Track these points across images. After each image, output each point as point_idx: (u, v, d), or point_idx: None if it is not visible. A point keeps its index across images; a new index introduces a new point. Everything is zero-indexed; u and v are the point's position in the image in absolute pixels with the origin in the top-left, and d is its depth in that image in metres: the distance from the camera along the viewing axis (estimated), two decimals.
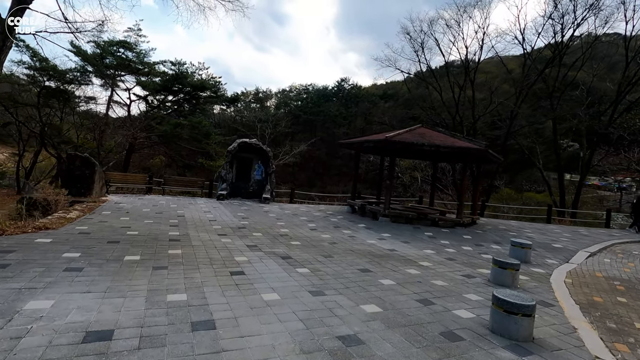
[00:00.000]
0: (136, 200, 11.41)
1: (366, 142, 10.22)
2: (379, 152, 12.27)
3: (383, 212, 10.08)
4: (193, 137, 22.05)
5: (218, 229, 7.89)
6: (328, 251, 6.55)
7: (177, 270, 4.61)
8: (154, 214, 9.14)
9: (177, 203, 11.53)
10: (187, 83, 20.64)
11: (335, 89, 62.68)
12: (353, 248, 6.99)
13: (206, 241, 6.53)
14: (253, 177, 14.66)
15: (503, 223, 12.74)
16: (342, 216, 11.08)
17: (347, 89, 62.12)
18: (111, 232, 6.63)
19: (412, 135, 10.11)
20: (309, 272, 5.09)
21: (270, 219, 9.73)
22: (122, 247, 5.52)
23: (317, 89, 61.55)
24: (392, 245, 7.51)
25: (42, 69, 15.93)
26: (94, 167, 11.21)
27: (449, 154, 9.92)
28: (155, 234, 6.75)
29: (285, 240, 7.25)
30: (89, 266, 4.45)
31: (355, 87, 62.30)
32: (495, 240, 9.04)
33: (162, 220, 8.42)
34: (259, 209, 11.69)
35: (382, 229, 9.28)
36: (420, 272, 5.58)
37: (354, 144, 11.26)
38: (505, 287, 5.14)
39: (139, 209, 9.78)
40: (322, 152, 54.49)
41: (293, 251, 6.32)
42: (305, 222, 9.61)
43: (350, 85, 62.67)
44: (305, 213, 11.39)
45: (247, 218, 9.60)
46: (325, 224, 9.64)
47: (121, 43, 18.67)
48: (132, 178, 12.98)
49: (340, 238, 7.90)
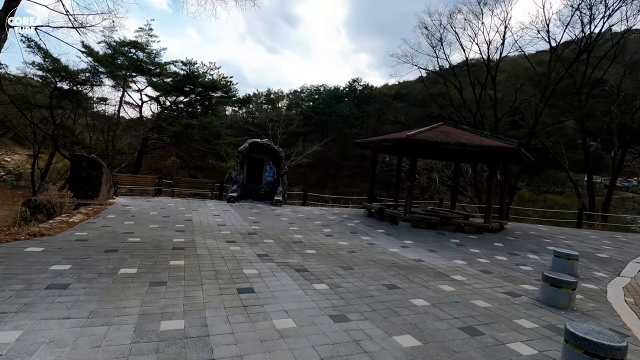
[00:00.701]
0: (144, 203, 10.95)
1: (384, 141, 9.47)
2: (399, 151, 11.49)
3: (403, 216, 9.30)
4: (204, 138, 21.69)
5: (227, 234, 7.28)
6: (347, 262, 5.84)
7: (177, 287, 3.99)
8: (161, 218, 8.61)
9: (186, 206, 11.02)
10: (199, 83, 20.27)
11: (347, 89, 61.91)
12: (374, 258, 6.26)
13: (213, 249, 5.92)
14: (264, 179, 14.07)
15: (532, 228, 11.75)
16: (359, 220, 10.34)
17: (359, 89, 61.25)
18: (111, 238, 6.09)
19: (434, 134, 9.31)
20: (327, 288, 4.39)
21: (282, 224, 9.08)
22: (119, 257, 4.94)
23: (329, 90, 60.92)
24: (417, 255, 6.74)
25: (53, 70, 15.76)
26: (101, 169, 10.80)
27: (476, 153, 9.07)
28: (159, 241, 6.18)
29: (299, 248, 6.57)
30: (77, 282, 3.86)
31: (367, 88, 61.37)
32: (530, 248, 8.15)
33: (168, 224, 7.87)
34: (271, 212, 11.07)
35: (404, 235, 8.51)
36: (456, 289, 4.81)
37: (370, 143, 10.52)
38: (559, 309, 4.34)
39: (146, 212, 9.28)
40: (334, 153, 53.80)
41: (308, 262, 5.63)
42: (319, 227, 8.93)
43: (362, 85, 61.78)
44: (319, 217, 10.70)
45: (257, 222, 8.98)
46: (341, 229, 8.93)
47: (132, 43, 18.42)
48: (141, 180, 12.57)
49: (359, 246, 7.18)
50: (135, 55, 18.76)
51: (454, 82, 18.61)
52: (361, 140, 11.33)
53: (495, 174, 9.47)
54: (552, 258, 6.29)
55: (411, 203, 9.59)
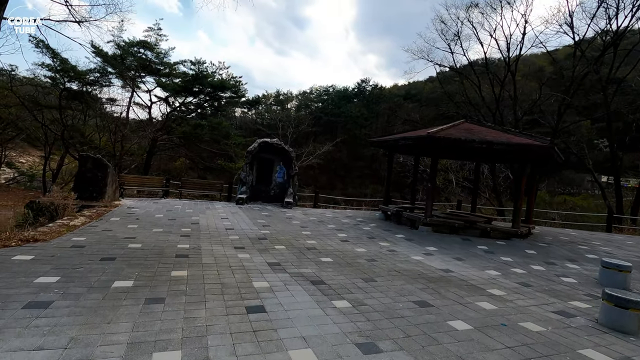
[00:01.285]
0: (150, 205, 10.51)
1: (402, 140, 8.80)
2: (418, 151, 10.78)
3: (424, 220, 8.61)
4: (213, 139, 21.33)
5: (235, 240, 6.72)
6: (368, 272, 5.20)
7: (176, 305, 3.43)
8: (166, 221, 8.12)
9: (194, 208, 10.53)
10: (207, 83, 19.91)
11: (356, 90, 61.22)
12: (397, 267, 5.61)
13: (220, 257, 5.36)
14: (274, 180, 13.53)
15: (560, 232, 10.90)
16: (375, 224, 9.68)
17: (368, 89, 60.48)
18: (111, 244, 5.59)
19: (457, 131, 8.60)
20: (350, 307, 3.78)
21: (294, 227, 8.49)
22: (115, 267, 4.42)
23: (338, 90, 60.33)
24: (444, 264, 6.06)
25: (62, 70, 15.57)
26: (106, 169, 10.41)
27: (503, 152, 8.33)
28: (161, 247, 5.66)
29: (314, 255, 5.97)
30: (62, 298, 3.33)
31: (377, 88, 60.58)
32: (567, 256, 7.37)
33: (174, 228, 7.36)
34: (281, 214, 10.50)
35: (426, 240, 7.82)
36: (497, 307, 4.14)
37: (387, 142, 9.86)
38: (627, 334, 3.63)
39: (151, 215, 8.81)
40: (344, 154, 53.14)
41: (325, 272, 5.02)
42: (334, 232, 8.31)
43: (371, 85, 61.00)
44: (333, 220, 10.09)
45: (268, 226, 8.42)
46: (357, 233, 8.29)
47: (141, 43, 18.17)
48: (149, 181, 12.17)
49: (378, 253, 6.53)
50: (144, 55, 18.50)
51: (472, 78, 17.72)
52: (377, 139, 10.67)
53: (524, 174, 8.70)
54: (600, 269, 5.55)
55: (432, 206, 8.89)
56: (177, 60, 20.47)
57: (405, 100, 59.02)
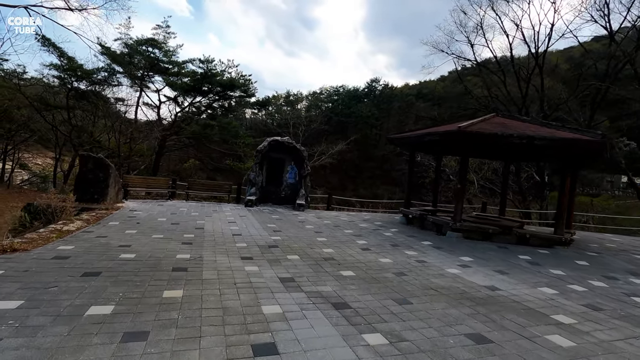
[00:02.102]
0: (154, 207, 9.82)
1: (428, 136, 7.85)
2: (443, 148, 9.77)
3: (453, 225, 7.64)
4: (223, 139, 20.70)
5: (242, 248, 5.91)
6: (399, 290, 4.31)
7: (162, 343, 2.60)
8: (168, 226, 7.38)
9: (200, 210, 9.80)
10: (216, 82, 19.29)
11: (366, 89, 60.19)
12: (433, 284, 4.69)
13: (223, 271, 4.54)
14: (285, 181, 12.72)
15: (602, 238, 9.74)
16: (397, 229, 8.74)
17: (379, 89, 59.36)
18: (100, 255, 4.84)
19: (490, 125, 7.61)
20: (386, 343, 2.89)
21: (307, 233, 7.64)
22: (97, 286, 3.64)
23: (348, 90, 59.38)
24: (486, 279, 5.10)
25: (69, 69, 15.12)
26: (108, 170, 9.77)
27: (545, 148, 7.29)
28: (158, 259, 4.88)
29: (333, 268, 5.10)
30: (14, 335, 2.55)
31: (388, 87, 59.40)
32: (627, 269, 6.30)
33: (175, 234, 6.60)
34: (293, 217, 9.67)
35: (457, 249, 6.86)
36: (576, 343, 3.18)
37: (408, 139, 8.92)
38: None
39: (154, 219, 8.10)
40: (354, 155, 52.15)
41: (347, 291, 4.15)
42: (352, 238, 7.42)
43: (382, 85, 59.86)
44: (349, 224, 9.20)
45: (279, 231, 7.59)
46: (378, 240, 7.38)
47: (149, 41, 17.65)
48: (154, 182, 11.53)
49: (406, 264, 5.62)
50: (152, 53, 17.98)
51: (496, 72, 16.49)
52: (396, 135, 9.71)
53: (567, 173, 7.65)
54: None
55: (462, 210, 7.92)
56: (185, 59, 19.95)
57: (417, 100, 57.72)
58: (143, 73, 18.36)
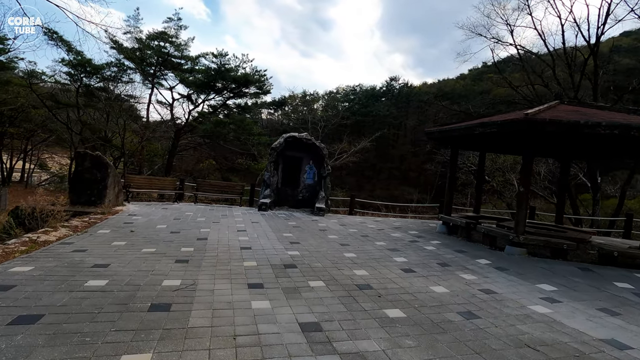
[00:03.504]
0: (157, 211, 8.65)
1: (481, 127, 6.24)
2: (497, 143, 8.07)
3: (515, 238, 6.01)
4: (237, 138, 19.58)
5: (251, 268, 4.55)
6: (479, 348, 2.81)
7: None
8: (166, 235, 6.13)
9: (207, 215, 8.56)
10: (230, 77, 18.16)
11: (384, 88, 58.25)
12: (523, 334, 3.15)
13: (221, 311, 3.17)
14: (303, 182, 11.35)
15: None
16: (438, 240, 7.18)
17: (397, 88, 57.31)
18: (59, 282, 3.58)
19: (563, 113, 5.95)
20: None
21: (331, 246, 6.21)
22: (20, 345, 2.33)
23: (365, 90, 57.65)
24: (597, 327, 3.51)
25: (78, 65, 14.30)
26: (107, 169, 8.67)
27: (633, 140, 5.58)
28: (136, 287, 3.57)
29: (373, 303, 3.64)
30: None
31: (407, 86, 57.26)
32: None
33: (172, 247, 5.32)
34: (313, 225, 8.27)
35: (527, 271, 5.24)
36: None
37: (453, 132, 7.31)
38: None
39: (152, 226, 6.88)
40: (372, 154, 50.40)
41: (403, 351, 2.68)
42: (387, 253, 5.93)
43: (401, 84, 57.75)
44: (379, 233, 7.71)
45: (297, 243, 6.20)
46: (420, 256, 5.86)
47: (160, 35, 16.70)
48: (159, 182, 10.39)
49: (470, 297, 4.09)
50: (164, 48, 17.01)
51: (545, 58, 14.39)
52: (439, 128, 8.07)
53: None
54: None
55: (525, 219, 6.28)
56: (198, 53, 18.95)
57: (436, 99, 55.40)
58: (155, 69, 17.47)
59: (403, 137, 55.55)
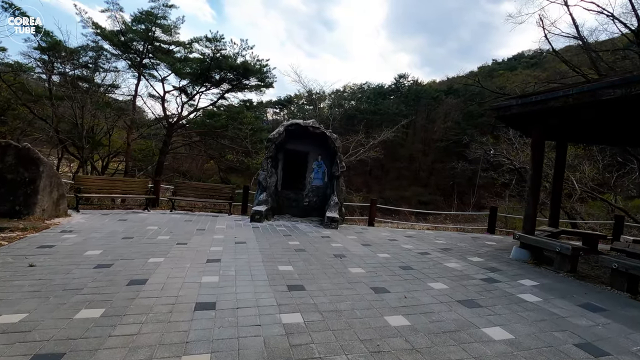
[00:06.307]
0: (108, 225, 6.07)
1: (625, 85, 3.50)
2: (615, 127, 5.23)
3: None
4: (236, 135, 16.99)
5: None
6: None
7: None
8: (85, 272, 3.55)
9: (176, 230, 5.95)
10: (228, 65, 15.59)
11: (393, 86, 55.35)
12: None
13: None
14: (309, 183, 8.69)
15: None
16: (528, 277, 4.42)
17: (406, 85, 54.33)
18: None
19: None
20: None
21: (358, 294, 3.52)
22: None
23: (373, 87, 54.82)
24: None
25: (49, 49, 11.87)
26: (38, 168, 6.12)
27: None
28: None
29: None
30: None
31: (416, 83, 54.28)
32: None
33: (65, 306, 2.69)
34: (324, 245, 5.60)
35: None
36: None
37: (536, 104, 4.53)
38: None
39: (80, 252, 4.29)
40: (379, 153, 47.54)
41: None
42: (462, 313, 3.21)
43: (410, 81, 54.76)
44: (424, 261, 5.00)
45: (299, 287, 3.52)
46: (528, 325, 3.13)
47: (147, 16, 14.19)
48: (125, 184, 7.76)
49: None
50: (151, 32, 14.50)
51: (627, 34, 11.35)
52: (518, 100, 5.18)
53: None
54: None
55: None
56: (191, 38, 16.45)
57: (446, 96, 52.28)
58: (142, 55, 14.99)
59: (412, 136, 52.57)
